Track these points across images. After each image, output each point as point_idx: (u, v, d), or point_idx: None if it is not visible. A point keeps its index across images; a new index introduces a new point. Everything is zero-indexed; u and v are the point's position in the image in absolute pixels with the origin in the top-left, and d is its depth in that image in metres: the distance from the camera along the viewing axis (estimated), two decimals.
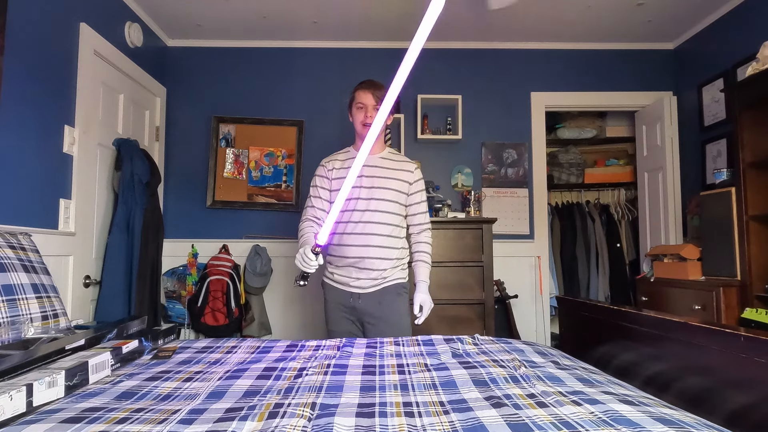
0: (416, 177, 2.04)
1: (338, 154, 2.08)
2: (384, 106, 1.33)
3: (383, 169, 1.98)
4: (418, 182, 2.04)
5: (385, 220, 1.94)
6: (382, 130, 1.97)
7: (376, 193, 1.94)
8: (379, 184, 1.95)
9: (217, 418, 0.86)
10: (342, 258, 1.96)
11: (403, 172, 2.00)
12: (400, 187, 1.98)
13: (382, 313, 1.95)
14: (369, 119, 1.93)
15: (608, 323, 1.86)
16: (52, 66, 2.22)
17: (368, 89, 1.96)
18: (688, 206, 3.14)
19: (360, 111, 1.96)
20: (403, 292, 2.01)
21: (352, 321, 2.00)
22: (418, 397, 0.99)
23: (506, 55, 3.56)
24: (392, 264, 1.96)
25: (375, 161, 1.99)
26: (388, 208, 1.95)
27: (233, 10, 3.09)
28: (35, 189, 2.11)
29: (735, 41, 2.93)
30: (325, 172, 2.02)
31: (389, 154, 2.05)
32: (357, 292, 1.96)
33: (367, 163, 1.95)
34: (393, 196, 1.96)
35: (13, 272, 1.54)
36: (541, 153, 3.53)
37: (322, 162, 2.07)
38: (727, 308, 2.33)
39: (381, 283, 1.96)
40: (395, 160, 2.03)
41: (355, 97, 1.99)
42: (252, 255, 3.25)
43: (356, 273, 1.95)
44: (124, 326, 1.54)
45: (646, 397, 0.97)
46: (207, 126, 3.46)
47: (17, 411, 0.88)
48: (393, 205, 1.96)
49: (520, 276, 3.45)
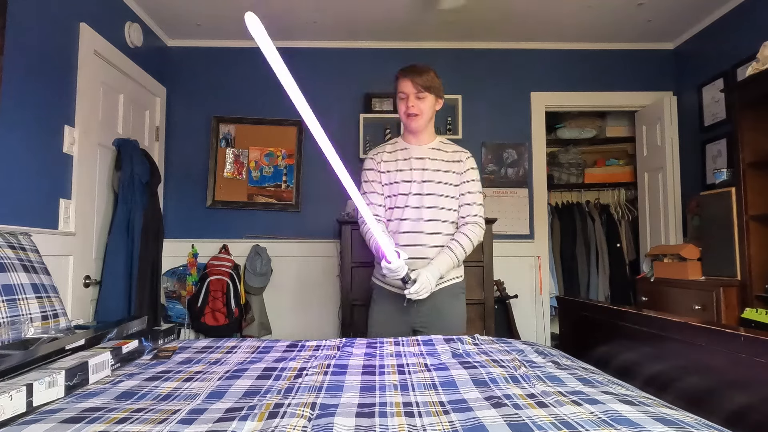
0: (468, 166, 1.87)
1: (386, 145, 1.95)
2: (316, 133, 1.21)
3: (434, 161, 1.84)
4: (469, 171, 1.87)
5: (438, 216, 1.81)
6: (431, 118, 1.85)
7: (427, 188, 1.80)
8: (430, 178, 1.81)
9: (217, 418, 0.86)
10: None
11: (454, 163, 1.85)
12: (451, 179, 1.84)
13: (437, 318, 1.80)
14: (412, 109, 1.79)
15: (608, 323, 1.86)
16: (52, 66, 2.22)
17: (407, 76, 1.79)
18: (688, 206, 3.14)
19: (402, 101, 1.81)
20: (460, 293, 1.89)
21: (403, 327, 1.83)
22: (418, 397, 0.99)
23: (506, 55, 3.56)
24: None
25: (425, 152, 1.85)
26: (441, 203, 1.81)
27: (233, 10, 3.09)
28: (35, 189, 2.11)
29: (735, 41, 2.93)
30: (375, 165, 1.89)
31: (440, 144, 1.90)
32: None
33: (417, 155, 1.85)
34: (444, 189, 1.82)
35: (13, 272, 1.54)
36: (541, 153, 3.53)
37: (370, 155, 1.93)
38: (727, 308, 2.33)
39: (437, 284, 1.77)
40: (446, 151, 1.88)
41: (397, 87, 1.83)
42: (252, 255, 3.25)
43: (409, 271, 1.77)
44: (124, 326, 1.54)
45: (646, 397, 0.97)
46: (207, 126, 3.46)
47: (17, 411, 0.88)
48: (445, 199, 1.82)
49: (520, 276, 3.45)
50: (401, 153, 1.88)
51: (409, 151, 1.87)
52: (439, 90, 1.84)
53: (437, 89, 1.83)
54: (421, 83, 1.78)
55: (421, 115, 1.80)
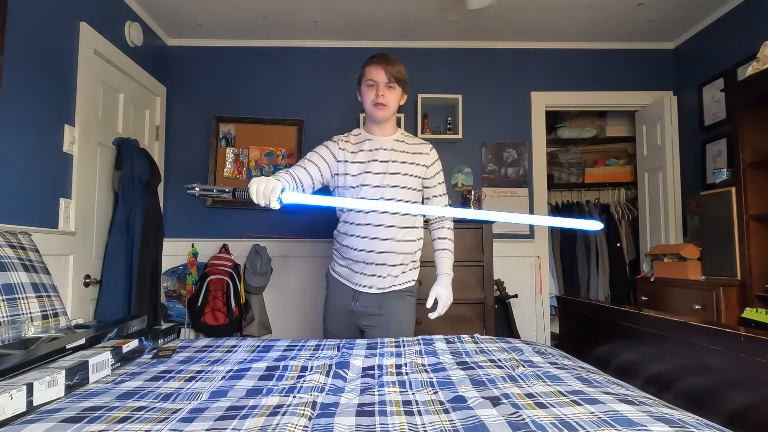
0: (433, 159, 1.83)
1: (349, 135, 1.86)
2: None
3: (397, 153, 1.78)
4: (435, 164, 1.84)
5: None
6: (395, 111, 1.79)
7: (388, 179, 1.74)
8: (394, 169, 1.76)
9: (218, 417, 0.86)
10: (348, 249, 1.78)
11: (419, 156, 1.80)
12: (416, 171, 1.79)
13: (381, 318, 1.79)
14: (381, 98, 1.72)
15: (608, 323, 1.86)
16: (52, 65, 2.22)
17: (380, 64, 1.73)
18: (688, 206, 3.14)
19: (371, 89, 1.74)
20: (407, 296, 1.83)
21: (350, 325, 1.84)
22: (418, 396, 0.99)
23: (506, 55, 3.56)
24: (401, 260, 1.78)
25: (388, 143, 1.79)
26: (402, 195, 1.76)
27: (233, 10, 3.09)
28: (35, 188, 2.11)
29: (735, 41, 2.93)
30: (334, 147, 1.80)
31: (402, 136, 1.85)
32: (359, 290, 1.80)
33: (378, 146, 1.79)
34: (408, 182, 1.77)
35: (13, 271, 1.54)
36: (541, 153, 3.53)
37: (334, 138, 1.84)
38: (727, 308, 2.33)
39: (390, 285, 1.79)
40: (409, 143, 1.83)
41: (365, 73, 1.76)
42: (252, 254, 3.25)
43: (362, 268, 1.77)
44: (125, 325, 1.54)
45: (646, 397, 0.97)
46: (207, 125, 3.46)
47: (17, 410, 0.88)
48: (408, 192, 1.77)
49: (520, 276, 3.45)
50: (366, 144, 1.81)
51: (373, 143, 1.81)
52: (406, 84, 1.80)
53: (405, 83, 1.79)
54: (393, 73, 1.73)
55: (388, 105, 1.75)
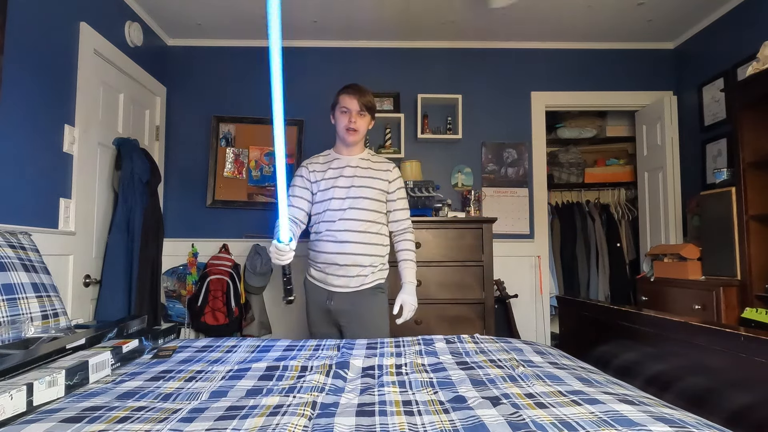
0: (394, 176, 2.05)
1: (318, 156, 2.10)
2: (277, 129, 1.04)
3: (361, 169, 2.00)
4: (396, 181, 2.05)
5: (363, 217, 1.95)
6: (363, 134, 2.01)
7: (353, 192, 1.95)
8: (358, 183, 1.97)
9: (218, 417, 0.86)
10: (320, 253, 1.97)
11: (381, 172, 2.01)
12: (379, 185, 1.99)
13: (356, 313, 1.95)
14: (352, 124, 1.95)
15: (608, 323, 1.86)
16: (52, 65, 2.21)
17: (354, 95, 1.96)
18: (688, 206, 3.14)
19: (344, 115, 1.97)
20: (379, 292, 2.00)
21: (329, 323, 2.01)
22: (418, 396, 0.99)
23: (506, 55, 3.56)
24: (371, 261, 1.96)
25: (353, 162, 2.02)
26: (367, 205, 1.96)
27: (233, 10, 3.09)
28: (35, 188, 2.11)
29: (735, 41, 2.93)
30: (306, 173, 2.04)
31: (368, 155, 2.07)
32: (332, 290, 1.97)
33: (345, 164, 2.01)
34: (371, 194, 1.97)
35: (13, 271, 1.54)
36: (541, 152, 3.53)
37: (303, 163, 2.09)
38: (727, 308, 2.33)
39: (360, 284, 1.96)
40: (373, 161, 2.05)
41: (339, 101, 1.99)
42: (252, 254, 3.25)
43: (334, 270, 1.95)
44: (125, 325, 1.54)
45: (646, 397, 0.98)
46: (207, 125, 3.46)
47: (17, 410, 0.88)
48: (372, 202, 1.97)
49: (520, 276, 3.45)
50: (334, 162, 2.03)
51: (341, 161, 2.02)
52: (375, 112, 2.04)
53: (374, 110, 2.03)
54: (364, 103, 1.96)
55: (359, 131, 1.97)
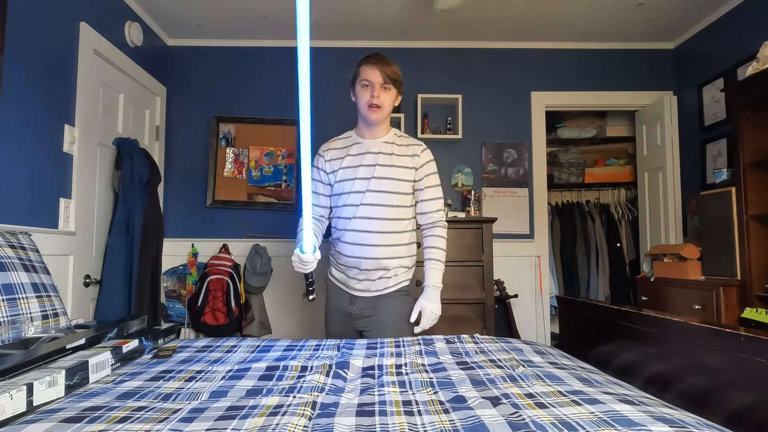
0: (423, 160, 1.77)
1: (336, 140, 1.87)
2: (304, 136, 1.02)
3: (384, 156, 1.75)
4: (424, 167, 1.77)
5: (386, 214, 1.72)
6: (388, 112, 1.75)
7: (374, 185, 1.72)
8: (379, 174, 1.72)
9: (218, 417, 0.86)
10: (341, 255, 1.80)
11: (407, 158, 1.75)
12: (404, 175, 1.74)
13: (376, 319, 1.79)
14: (375, 99, 1.70)
15: (608, 323, 1.86)
16: (52, 65, 2.21)
17: (376, 65, 1.71)
18: (688, 206, 3.14)
19: (365, 89, 1.72)
20: (402, 296, 1.81)
21: (349, 329, 1.85)
22: (418, 396, 0.99)
23: (506, 55, 3.56)
24: (397, 264, 1.76)
25: (375, 147, 1.77)
26: (390, 200, 1.72)
27: (233, 10, 3.09)
28: (35, 188, 2.11)
29: (735, 41, 2.93)
30: (322, 163, 1.82)
31: (394, 137, 1.80)
32: (354, 294, 1.81)
33: (365, 150, 1.77)
34: (395, 186, 1.73)
35: (13, 271, 1.54)
36: (541, 152, 3.53)
37: (319, 151, 1.86)
38: (727, 308, 2.33)
39: (383, 287, 1.78)
40: (399, 144, 1.78)
41: (360, 73, 1.74)
42: (252, 254, 3.25)
43: (355, 273, 1.78)
44: (125, 325, 1.54)
45: (646, 397, 0.97)
46: (207, 125, 3.46)
47: (17, 410, 0.88)
48: (395, 196, 1.73)
49: (520, 276, 3.45)
50: (353, 148, 1.80)
51: (361, 146, 1.79)
52: (401, 85, 1.78)
53: (401, 84, 1.77)
54: (389, 74, 1.71)
55: (383, 107, 1.72)
